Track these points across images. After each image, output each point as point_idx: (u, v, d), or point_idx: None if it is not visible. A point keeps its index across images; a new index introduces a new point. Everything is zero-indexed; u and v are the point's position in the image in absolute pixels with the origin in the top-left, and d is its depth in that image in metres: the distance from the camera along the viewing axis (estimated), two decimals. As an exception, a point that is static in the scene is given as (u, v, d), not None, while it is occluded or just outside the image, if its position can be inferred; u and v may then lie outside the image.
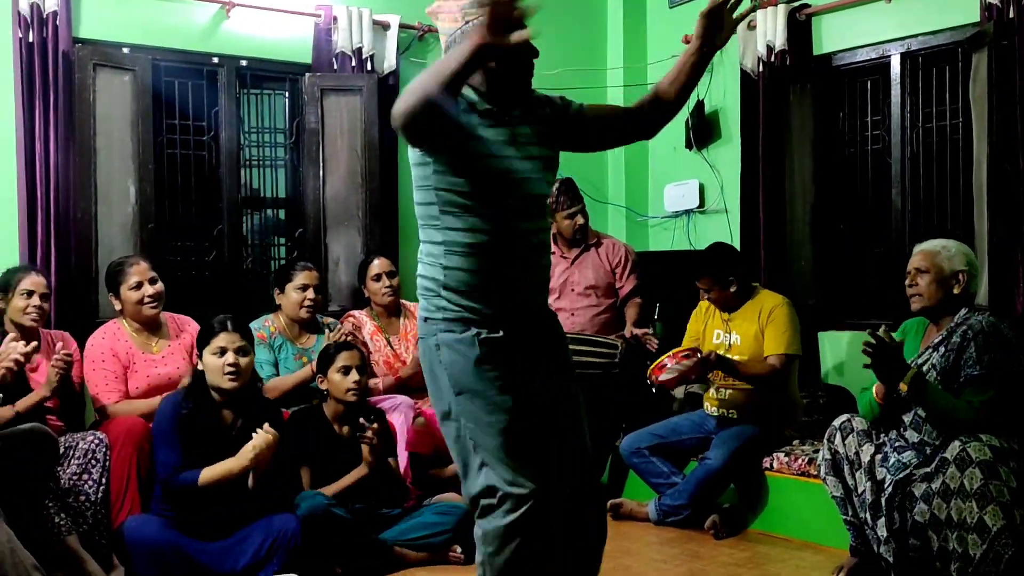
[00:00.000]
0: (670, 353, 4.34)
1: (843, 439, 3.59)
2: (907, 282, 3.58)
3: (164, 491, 3.58)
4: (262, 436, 3.50)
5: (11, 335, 3.26)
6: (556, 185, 5.00)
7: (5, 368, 3.15)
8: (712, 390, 4.57)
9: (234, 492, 3.55)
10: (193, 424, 3.57)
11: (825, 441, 3.65)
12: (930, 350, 3.47)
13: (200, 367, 3.66)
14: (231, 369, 3.58)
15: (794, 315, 4.46)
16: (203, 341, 3.65)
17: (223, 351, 3.60)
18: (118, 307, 4.12)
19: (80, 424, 4.02)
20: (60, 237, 4.42)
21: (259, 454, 3.49)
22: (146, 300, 4.07)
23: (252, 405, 3.69)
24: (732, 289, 4.49)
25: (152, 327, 4.16)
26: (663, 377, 4.30)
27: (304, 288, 4.48)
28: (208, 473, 3.50)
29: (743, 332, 4.48)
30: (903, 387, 3.32)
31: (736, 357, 4.43)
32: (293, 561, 3.52)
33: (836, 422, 3.65)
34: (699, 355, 4.30)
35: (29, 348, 3.29)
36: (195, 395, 3.63)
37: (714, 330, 4.60)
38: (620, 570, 3.81)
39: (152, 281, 4.10)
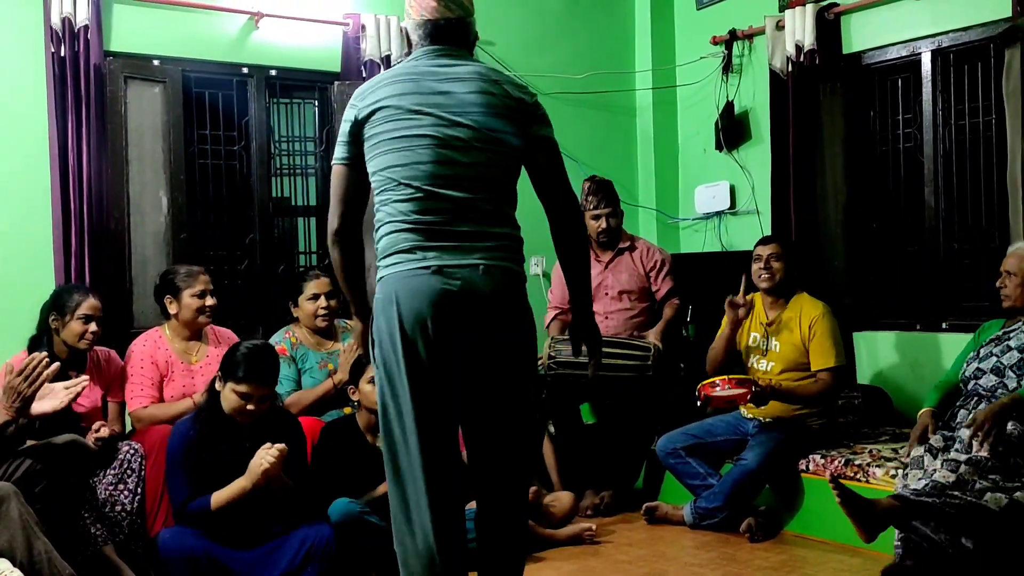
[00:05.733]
0: (724, 376, 4.29)
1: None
2: (997, 283, 3.80)
3: (178, 520, 3.56)
4: (264, 452, 3.47)
5: (54, 365, 3.21)
6: (588, 184, 4.97)
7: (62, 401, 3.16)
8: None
9: (262, 504, 3.54)
10: (206, 448, 3.55)
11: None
12: (1018, 331, 3.61)
13: (218, 387, 3.62)
14: (250, 414, 3.56)
15: (835, 324, 4.41)
16: (228, 373, 3.56)
17: (248, 397, 3.54)
18: (173, 311, 4.12)
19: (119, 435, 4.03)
20: (94, 248, 4.44)
21: (267, 470, 3.45)
22: (206, 309, 4.12)
23: (268, 421, 3.65)
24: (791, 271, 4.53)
25: (194, 337, 4.20)
26: (713, 394, 4.27)
27: (316, 297, 4.43)
28: (219, 496, 3.49)
29: (783, 339, 4.44)
30: None
31: (773, 364, 4.42)
32: (328, 569, 3.53)
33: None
34: (755, 387, 4.22)
35: (78, 387, 3.25)
36: (206, 418, 3.59)
37: (751, 333, 4.56)
38: (656, 575, 3.80)
39: (212, 294, 4.16)
